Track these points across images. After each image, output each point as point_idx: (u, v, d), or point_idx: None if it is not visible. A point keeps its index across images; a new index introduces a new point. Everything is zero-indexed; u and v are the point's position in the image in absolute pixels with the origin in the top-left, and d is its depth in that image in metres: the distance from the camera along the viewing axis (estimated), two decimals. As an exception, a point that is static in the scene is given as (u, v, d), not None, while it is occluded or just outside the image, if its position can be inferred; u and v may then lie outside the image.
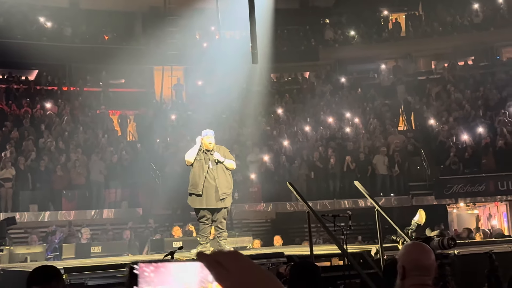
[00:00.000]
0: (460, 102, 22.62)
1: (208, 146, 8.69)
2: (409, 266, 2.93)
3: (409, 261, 2.95)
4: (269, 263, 7.16)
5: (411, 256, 2.97)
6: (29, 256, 10.96)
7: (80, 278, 6.26)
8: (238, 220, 17.42)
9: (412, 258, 2.95)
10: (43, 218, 16.51)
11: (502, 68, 25.10)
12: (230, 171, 8.87)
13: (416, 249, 3.03)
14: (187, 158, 8.69)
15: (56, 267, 3.25)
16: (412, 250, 3.03)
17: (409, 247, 3.09)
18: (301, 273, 3.96)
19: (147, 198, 17.86)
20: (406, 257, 2.98)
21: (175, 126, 21.71)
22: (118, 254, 12.28)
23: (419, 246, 3.08)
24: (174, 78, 25.93)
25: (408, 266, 2.93)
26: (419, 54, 28.15)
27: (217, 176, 8.65)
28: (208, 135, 8.78)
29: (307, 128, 21.56)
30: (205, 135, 8.81)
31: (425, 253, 2.98)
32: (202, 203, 8.63)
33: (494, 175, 18.46)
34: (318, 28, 29.01)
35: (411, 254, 2.99)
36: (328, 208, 17.62)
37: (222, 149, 8.88)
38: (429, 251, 3.00)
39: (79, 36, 25.13)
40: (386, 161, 18.91)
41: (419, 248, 3.04)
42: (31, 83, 23.10)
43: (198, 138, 8.75)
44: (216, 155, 8.64)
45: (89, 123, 20.64)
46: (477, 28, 26.63)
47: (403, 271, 2.94)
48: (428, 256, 2.96)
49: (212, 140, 8.73)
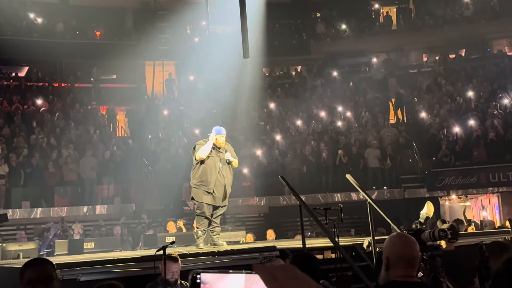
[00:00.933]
0: (451, 95, 22.70)
1: (221, 144, 8.66)
2: (393, 257, 2.94)
3: (393, 253, 2.96)
4: (262, 257, 7.18)
5: (395, 248, 2.98)
6: (21, 253, 10.91)
7: (73, 274, 6.25)
8: (231, 214, 17.44)
9: (396, 250, 2.96)
10: (35, 214, 16.46)
11: (493, 61, 25.20)
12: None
13: (401, 241, 3.03)
14: (202, 155, 8.55)
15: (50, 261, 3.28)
16: (397, 242, 3.03)
17: (393, 238, 3.09)
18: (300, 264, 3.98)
19: (140, 193, 17.84)
20: (391, 249, 2.99)
21: (167, 122, 21.68)
22: (111, 250, 12.27)
23: (404, 238, 3.08)
24: (165, 73, 25.88)
25: (392, 258, 2.95)
26: (411, 47, 28.21)
27: (226, 175, 8.71)
28: (222, 133, 8.72)
29: (299, 122, 21.59)
30: (219, 133, 8.71)
31: (409, 245, 2.99)
32: (211, 200, 8.63)
33: (485, 167, 18.55)
34: (309, 22, 29.02)
35: (395, 246, 2.99)
36: (320, 201, 17.67)
37: (229, 147, 8.86)
38: (413, 243, 3.01)
39: (69, 32, 25.02)
40: (378, 154, 18.97)
41: (404, 240, 3.04)
42: (22, 79, 23.00)
43: (212, 134, 8.68)
44: (227, 155, 8.64)
45: (80, 119, 20.58)
46: (468, 21, 26.71)
47: (387, 262, 2.97)
48: (412, 248, 2.97)
49: (225, 138, 8.74)
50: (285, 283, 1.20)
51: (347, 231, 15.39)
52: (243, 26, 12.66)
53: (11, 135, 18.53)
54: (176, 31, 25.76)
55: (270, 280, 1.21)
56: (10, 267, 7.75)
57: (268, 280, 1.21)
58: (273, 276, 1.21)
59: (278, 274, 1.21)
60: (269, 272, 1.22)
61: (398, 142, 19.98)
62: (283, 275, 1.21)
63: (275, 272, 1.21)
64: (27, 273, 3.01)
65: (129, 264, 6.75)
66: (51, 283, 3.03)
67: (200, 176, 8.62)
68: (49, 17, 25.12)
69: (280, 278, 1.20)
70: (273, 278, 1.20)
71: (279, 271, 1.22)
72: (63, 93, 22.44)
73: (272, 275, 1.21)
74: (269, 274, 1.21)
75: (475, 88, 22.73)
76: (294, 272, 1.23)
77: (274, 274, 1.21)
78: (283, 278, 1.20)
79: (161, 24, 26.08)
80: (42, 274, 3.00)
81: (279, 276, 1.21)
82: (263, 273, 1.22)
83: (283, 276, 1.21)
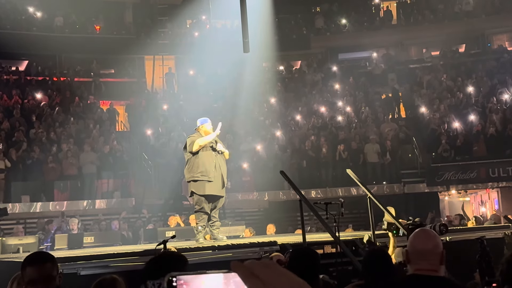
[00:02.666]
0: (451, 90, 22.68)
1: (209, 133, 8.76)
2: (410, 251, 3.07)
3: (409, 247, 3.10)
4: (262, 251, 7.19)
5: (410, 242, 3.12)
6: (21, 247, 10.93)
7: (73, 268, 6.26)
8: (231, 209, 17.45)
9: (411, 244, 3.10)
10: (35, 209, 16.45)
11: (493, 56, 25.16)
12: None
13: (414, 235, 3.15)
14: (201, 143, 8.66)
15: (51, 254, 3.27)
16: (412, 236, 3.17)
17: (414, 233, 3.21)
18: (300, 258, 3.98)
19: (140, 188, 17.84)
20: (408, 243, 3.15)
21: (167, 116, 21.65)
22: (110, 244, 12.29)
23: (417, 232, 3.17)
24: (165, 67, 25.83)
25: (409, 251, 3.08)
26: (411, 42, 28.16)
27: (221, 164, 8.82)
28: (209, 122, 8.95)
29: (299, 117, 21.56)
30: (205, 122, 8.88)
31: (420, 238, 3.07)
32: (212, 189, 8.66)
33: (485, 162, 18.54)
34: (309, 17, 28.95)
35: (410, 240, 3.14)
36: (320, 196, 17.67)
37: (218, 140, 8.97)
38: (425, 237, 3.07)
39: (69, 26, 24.96)
40: (378, 149, 18.96)
41: (416, 234, 3.14)
42: (22, 73, 22.93)
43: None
44: (219, 146, 8.72)
45: (80, 113, 20.55)
46: (468, 16, 26.66)
47: (407, 257, 3.10)
48: (423, 241, 3.04)
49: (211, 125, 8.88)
50: (266, 280, 1.13)
51: (346, 226, 15.41)
52: (243, 20, 12.65)
53: (10, 129, 18.50)
54: (176, 25, 25.72)
55: (249, 277, 1.13)
56: (10, 261, 7.75)
57: (247, 277, 1.13)
58: (252, 274, 1.13)
59: (258, 271, 1.14)
60: (248, 269, 1.14)
61: (398, 137, 19.97)
62: (264, 272, 1.13)
63: (254, 269, 1.14)
64: (28, 272, 3.01)
65: (130, 258, 6.75)
66: (52, 282, 3.02)
67: (198, 167, 8.64)
68: (49, 11, 25.04)
69: (260, 275, 1.13)
70: (252, 275, 1.13)
71: (259, 268, 1.14)
72: (62, 87, 22.39)
73: (251, 273, 1.14)
74: (248, 271, 1.14)
75: (475, 83, 22.71)
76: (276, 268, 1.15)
77: (253, 272, 1.14)
78: (264, 275, 1.13)
79: (161, 18, 26.06)
80: (42, 274, 3.00)
81: (259, 273, 1.13)
82: (241, 271, 1.14)
83: (264, 272, 1.13)
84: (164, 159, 18.12)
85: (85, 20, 25.53)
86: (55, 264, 3.14)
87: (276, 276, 1.14)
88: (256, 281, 1.13)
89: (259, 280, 1.13)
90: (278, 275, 1.14)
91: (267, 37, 24.17)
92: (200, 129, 8.87)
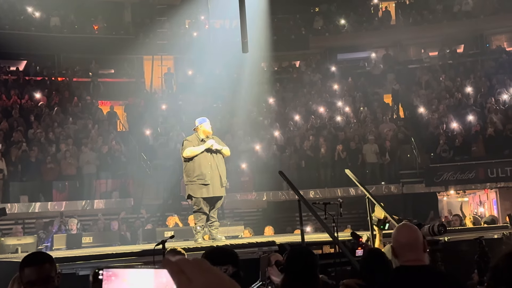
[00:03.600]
0: (450, 90, 22.70)
1: (209, 133, 8.71)
2: (396, 245, 3.25)
3: (394, 242, 3.28)
4: (261, 251, 7.18)
5: (394, 237, 3.30)
6: (20, 247, 10.91)
7: (71, 268, 6.25)
8: (230, 209, 17.46)
9: (395, 239, 3.28)
10: (33, 209, 16.44)
11: (492, 56, 25.19)
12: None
13: (397, 230, 3.34)
14: (189, 154, 8.60)
15: (50, 255, 3.27)
16: (395, 231, 3.35)
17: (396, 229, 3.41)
18: (296, 257, 3.98)
19: (138, 188, 17.83)
20: (393, 239, 3.32)
21: (166, 116, 21.65)
22: (109, 244, 12.28)
23: (399, 227, 3.36)
24: (164, 67, 25.82)
25: (396, 246, 3.25)
26: (409, 42, 28.17)
27: (218, 164, 8.72)
28: (207, 122, 8.87)
29: (297, 117, 21.56)
30: (204, 121, 8.84)
31: (403, 232, 3.27)
32: (209, 192, 8.60)
33: (484, 162, 18.54)
34: (308, 17, 28.97)
35: (394, 235, 3.31)
36: (319, 196, 17.67)
37: (215, 138, 8.91)
38: (407, 231, 3.28)
39: (67, 26, 24.94)
40: (377, 150, 18.97)
41: (399, 229, 3.34)
42: (20, 73, 22.91)
43: (211, 141, 8.67)
44: (210, 141, 8.63)
45: (78, 113, 20.53)
46: (467, 16, 26.68)
47: (394, 251, 3.28)
48: (406, 234, 3.24)
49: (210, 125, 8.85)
50: (193, 276, 1.14)
51: (345, 226, 15.40)
52: (242, 20, 12.64)
53: (9, 129, 18.48)
54: (174, 25, 25.72)
55: (178, 273, 1.14)
56: (8, 261, 7.75)
57: (175, 274, 1.15)
58: (181, 270, 1.15)
59: (186, 267, 1.15)
60: (177, 265, 1.15)
61: (396, 137, 19.98)
62: (192, 269, 1.15)
63: (183, 266, 1.15)
64: (26, 273, 3.00)
65: (128, 258, 6.75)
66: (50, 283, 3.02)
67: (194, 171, 8.61)
68: (47, 11, 25.03)
69: (188, 271, 1.14)
70: (181, 271, 1.14)
71: (187, 265, 1.15)
72: (61, 87, 22.37)
73: (180, 269, 1.15)
74: (177, 267, 1.15)
75: (474, 83, 22.73)
76: (204, 265, 1.16)
77: (182, 268, 1.15)
78: (191, 271, 1.14)
79: (159, 18, 26.05)
80: (40, 275, 2.99)
81: (187, 269, 1.15)
82: (170, 267, 1.15)
83: (191, 269, 1.15)
84: (162, 160, 18.11)
85: (84, 20, 25.51)
86: (53, 265, 3.13)
87: (203, 273, 1.14)
88: (183, 278, 1.13)
89: (186, 277, 1.14)
90: (205, 272, 1.15)
91: (266, 37, 24.18)
92: (199, 129, 8.85)
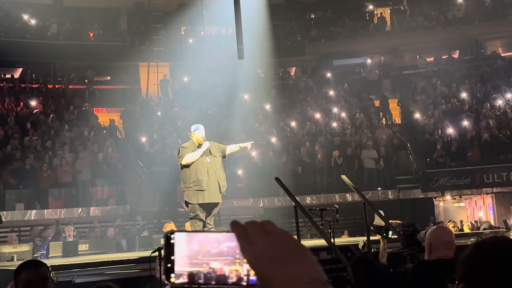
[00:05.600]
0: (445, 96, 22.76)
1: (201, 141, 8.65)
2: (434, 242, 3.91)
3: (434, 239, 3.93)
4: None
5: (436, 235, 3.96)
6: (15, 255, 10.87)
7: (68, 276, 6.23)
8: (226, 216, 17.39)
9: (437, 236, 3.94)
10: (29, 216, 16.38)
11: (487, 62, 25.28)
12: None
13: (440, 229, 4.12)
14: (189, 161, 8.50)
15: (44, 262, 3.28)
16: (437, 230, 4.09)
17: (435, 229, 4.17)
18: None
19: (135, 195, 17.80)
20: (433, 236, 3.97)
21: (162, 123, 21.63)
22: (105, 251, 12.24)
23: (441, 228, 4.32)
24: (160, 74, 25.82)
25: (434, 242, 3.91)
26: (405, 48, 28.24)
27: (216, 169, 8.61)
28: (200, 129, 8.76)
29: (294, 123, 21.58)
30: (197, 129, 8.78)
31: (446, 232, 4.07)
32: (205, 198, 8.53)
33: (479, 167, 18.57)
34: (303, 23, 29.05)
35: (436, 233, 3.99)
36: (315, 202, 17.66)
37: (213, 144, 8.84)
38: (449, 232, 4.14)
39: (63, 33, 24.95)
40: (375, 155, 18.99)
41: (441, 229, 4.19)
42: (16, 81, 22.89)
43: (206, 143, 8.64)
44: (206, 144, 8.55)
45: (74, 120, 20.50)
46: (462, 22, 26.81)
47: (429, 247, 3.93)
48: (447, 234, 4.02)
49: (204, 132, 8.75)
50: (255, 239, 1.06)
51: (342, 232, 15.41)
52: (238, 27, 12.67)
53: (5, 137, 18.45)
54: (170, 32, 25.75)
55: (241, 236, 1.08)
56: (4, 269, 7.71)
57: (240, 236, 1.08)
58: (245, 232, 1.08)
59: (250, 229, 1.08)
60: (242, 227, 1.08)
61: (392, 143, 20.00)
62: (255, 231, 1.07)
63: (248, 228, 1.08)
64: (23, 275, 3.01)
65: (125, 265, 6.73)
66: (47, 284, 3.02)
67: (190, 177, 8.56)
68: (43, 19, 25.04)
69: (251, 233, 1.07)
70: (244, 234, 1.08)
71: (252, 227, 1.08)
72: (57, 94, 22.36)
73: (244, 231, 1.08)
74: (242, 229, 1.08)
75: (469, 89, 22.80)
76: (270, 227, 1.09)
77: (246, 230, 1.08)
78: (254, 233, 1.07)
79: (155, 25, 26.09)
80: (38, 276, 3.00)
81: (251, 231, 1.07)
82: (237, 229, 1.09)
83: (255, 231, 1.07)
84: (159, 166, 18.08)
85: (80, 27, 25.53)
86: (48, 270, 3.16)
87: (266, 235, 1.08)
88: (246, 240, 1.08)
89: (248, 239, 1.08)
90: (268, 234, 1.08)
91: (261, 44, 24.21)
92: (192, 136, 8.82)
